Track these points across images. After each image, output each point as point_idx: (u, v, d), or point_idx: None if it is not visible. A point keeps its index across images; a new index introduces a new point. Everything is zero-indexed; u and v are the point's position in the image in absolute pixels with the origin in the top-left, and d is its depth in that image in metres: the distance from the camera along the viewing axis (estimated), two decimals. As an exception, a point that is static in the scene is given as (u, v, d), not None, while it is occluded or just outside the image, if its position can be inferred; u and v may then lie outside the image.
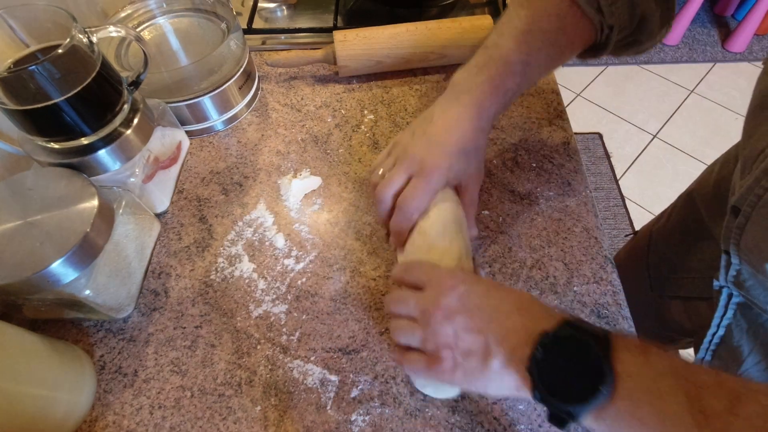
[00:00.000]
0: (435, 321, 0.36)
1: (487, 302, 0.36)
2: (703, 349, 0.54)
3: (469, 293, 0.36)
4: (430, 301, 0.37)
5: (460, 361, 0.35)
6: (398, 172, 0.44)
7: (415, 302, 0.38)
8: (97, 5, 0.64)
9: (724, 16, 2.24)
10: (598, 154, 1.83)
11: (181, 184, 0.58)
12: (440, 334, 0.36)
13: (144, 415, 0.43)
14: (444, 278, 0.38)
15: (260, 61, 0.70)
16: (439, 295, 0.37)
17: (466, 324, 0.35)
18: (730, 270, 0.46)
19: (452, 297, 0.36)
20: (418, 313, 0.37)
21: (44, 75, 0.40)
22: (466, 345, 0.35)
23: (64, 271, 0.39)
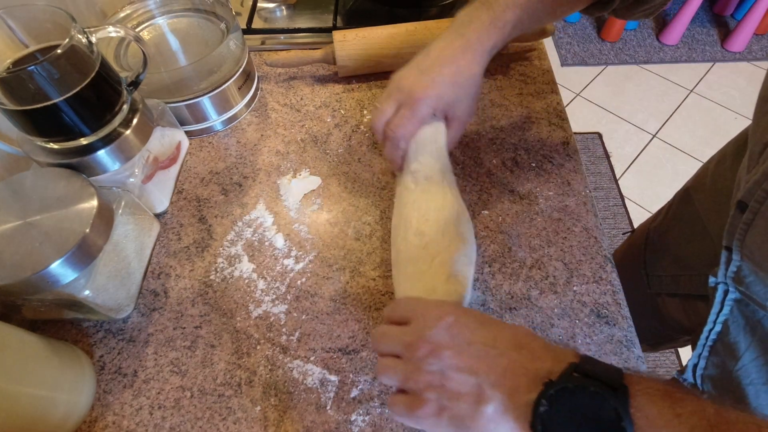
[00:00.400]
0: (419, 357, 0.32)
1: (480, 337, 0.32)
2: (700, 345, 0.54)
3: (459, 325, 0.32)
4: (414, 334, 0.33)
5: (446, 405, 0.30)
6: (387, 103, 0.47)
7: (398, 336, 0.34)
8: (96, 5, 0.64)
9: (723, 15, 2.24)
10: (598, 153, 1.83)
11: (180, 184, 0.58)
12: (424, 372, 0.31)
13: (144, 416, 0.43)
14: (430, 309, 0.34)
15: (260, 61, 0.70)
16: (423, 328, 0.33)
17: (454, 361, 0.31)
18: (730, 266, 0.46)
19: (439, 329, 0.32)
20: (401, 349, 0.34)
21: (43, 75, 0.40)
22: (454, 386, 0.30)
23: (64, 271, 0.39)
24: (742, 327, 0.50)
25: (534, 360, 0.30)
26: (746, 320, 0.49)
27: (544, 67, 0.68)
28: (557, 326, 0.47)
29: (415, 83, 0.46)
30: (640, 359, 0.45)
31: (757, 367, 0.50)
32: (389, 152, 0.48)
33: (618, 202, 1.70)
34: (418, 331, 0.33)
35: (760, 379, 0.51)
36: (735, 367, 0.52)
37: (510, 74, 0.67)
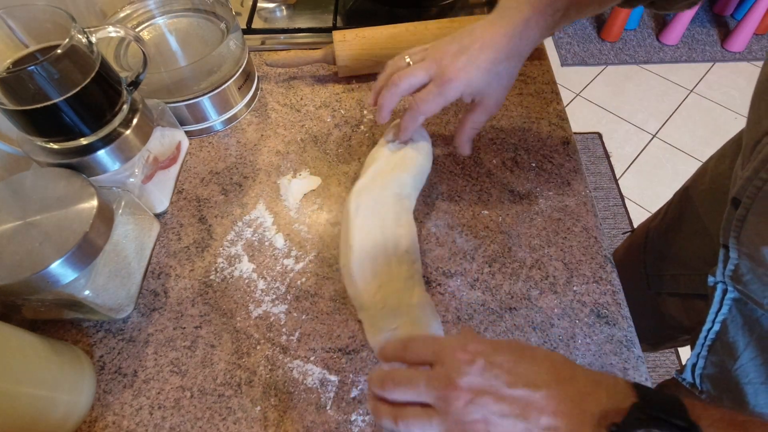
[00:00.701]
0: (458, 407, 0.29)
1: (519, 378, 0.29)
2: (699, 345, 0.54)
3: (493, 366, 0.29)
4: (445, 382, 0.29)
5: None
6: (420, 69, 0.46)
7: (426, 384, 0.30)
8: (96, 5, 0.64)
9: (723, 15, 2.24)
10: (598, 153, 1.83)
11: (180, 184, 0.58)
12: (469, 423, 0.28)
13: (144, 416, 0.43)
14: (456, 351, 0.30)
15: (259, 61, 0.70)
16: (455, 373, 0.29)
17: (498, 407, 0.28)
18: (728, 264, 0.46)
19: (473, 374, 0.29)
20: (431, 398, 0.30)
21: (43, 75, 0.40)
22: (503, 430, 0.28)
23: (64, 271, 0.39)
24: (741, 326, 0.50)
25: (583, 397, 0.28)
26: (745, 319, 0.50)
27: (544, 67, 0.68)
28: (557, 326, 0.47)
29: (452, 62, 0.44)
30: (640, 359, 0.45)
31: (756, 366, 0.50)
32: (405, 120, 0.48)
33: (618, 202, 1.70)
34: (449, 377, 0.29)
35: (758, 378, 0.51)
36: (734, 367, 0.52)
37: (510, 74, 0.67)
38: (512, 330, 0.47)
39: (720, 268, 0.47)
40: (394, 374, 0.32)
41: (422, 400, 0.30)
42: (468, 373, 0.29)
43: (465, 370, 0.29)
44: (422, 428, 0.30)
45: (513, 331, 0.47)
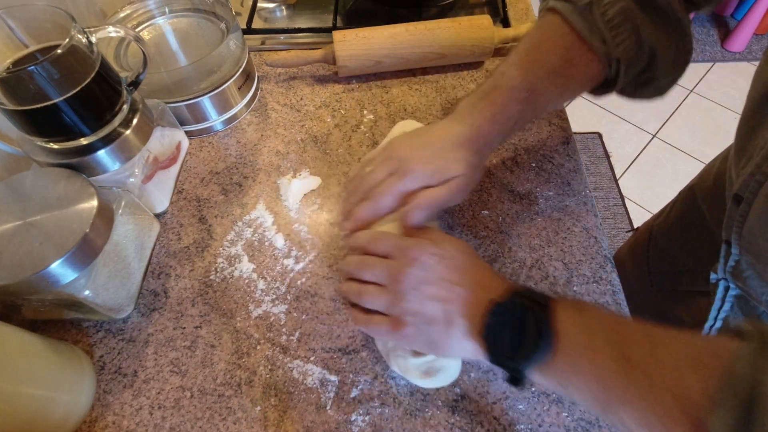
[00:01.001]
0: (401, 287, 0.38)
1: (452, 275, 0.39)
2: None
3: (437, 265, 0.39)
4: (398, 270, 0.39)
5: (423, 328, 0.38)
6: (381, 169, 0.45)
7: (382, 269, 0.40)
8: (96, 5, 0.64)
9: (723, 15, 2.24)
10: (598, 153, 1.83)
11: (180, 184, 0.58)
12: (407, 301, 0.38)
13: (144, 416, 0.43)
14: (412, 248, 0.40)
15: (259, 61, 0.70)
16: (407, 265, 0.39)
17: (431, 293, 0.38)
18: (729, 261, 0.46)
19: (419, 267, 0.39)
20: (385, 280, 0.40)
21: (43, 75, 0.40)
22: (429, 313, 0.38)
23: (64, 271, 0.39)
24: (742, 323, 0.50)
25: (490, 292, 0.37)
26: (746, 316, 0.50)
27: (544, 67, 0.68)
28: (557, 326, 0.47)
29: (412, 155, 0.44)
30: (640, 359, 0.45)
31: None
32: (361, 213, 0.44)
33: (618, 202, 1.70)
34: (402, 266, 0.39)
35: None
36: None
37: (510, 74, 0.67)
38: (512, 330, 0.47)
39: (721, 264, 0.48)
40: (365, 259, 0.42)
41: (380, 281, 0.40)
42: (416, 265, 0.39)
43: (415, 263, 0.39)
44: (373, 301, 0.40)
45: (513, 331, 0.47)
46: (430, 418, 0.42)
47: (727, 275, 0.48)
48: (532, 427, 0.42)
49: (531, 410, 0.43)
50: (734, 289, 0.49)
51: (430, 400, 0.43)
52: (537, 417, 0.42)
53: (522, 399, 0.43)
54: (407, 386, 0.44)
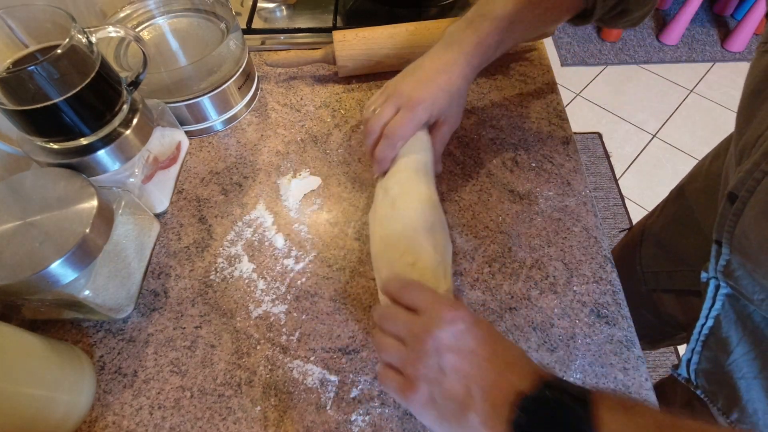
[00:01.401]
0: (423, 348, 0.34)
1: (482, 350, 0.34)
2: (694, 340, 0.55)
3: (466, 334, 0.35)
4: (423, 328, 0.35)
5: (436, 399, 0.34)
6: (387, 106, 0.50)
7: (406, 323, 0.36)
8: (96, 5, 0.64)
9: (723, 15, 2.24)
10: (598, 153, 1.83)
11: (180, 184, 0.58)
12: (423, 364, 0.34)
13: (144, 416, 0.43)
14: (444, 310, 0.36)
15: (259, 61, 0.70)
16: (434, 325, 0.35)
17: (455, 364, 0.34)
18: (719, 260, 0.47)
19: (448, 332, 0.34)
20: (407, 335, 0.36)
21: (43, 75, 0.40)
22: (449, 386, 0.33)
23: (64, 271, 0.39)
24: (734, 322, 0.51)
25: (521, 379, 0.32)
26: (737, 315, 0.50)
27: (544, 67, 0.68)
28: (557, 326, 0.47)
29: (414, 89, 0.49)
30: (640, 359, 0.45)
31: (748, 361, 0.51)
32: (383, 151, 0.49)
33: (618, 202, 1.70)
34: (429, 325, 0.35)
35: (750, 373, 0.51)
36: (727, 362, 0.52)
37: (510, 74, 0.67)
38: (512, 330, 0.47)
39: (712, 264, 0.48)
40: (391, 309, 0.39)
41: (400, 335, 0.37)
42: (445, 329, 0.34)
43: (444, 326, 0.35)
44: (389, 354, 0.37)
45: (513, 331, 0.47)
46: (430, 418, 0.42)
47: (718, 274, 0.48)
48: (532, 427, 0.42)
49: (531, 410, 0.43)
50: (725, 287, 0.49)
51: (430, 400, 0.43)
52: (537, 417, 0.42)
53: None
54: (407, 386, 0.44)
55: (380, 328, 0.39)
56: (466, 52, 0.50)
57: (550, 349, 0.46)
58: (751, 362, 0.51)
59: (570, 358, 0.45)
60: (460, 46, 0.50)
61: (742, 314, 0.50)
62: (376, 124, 0.50)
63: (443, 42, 0.52)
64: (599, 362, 0.45)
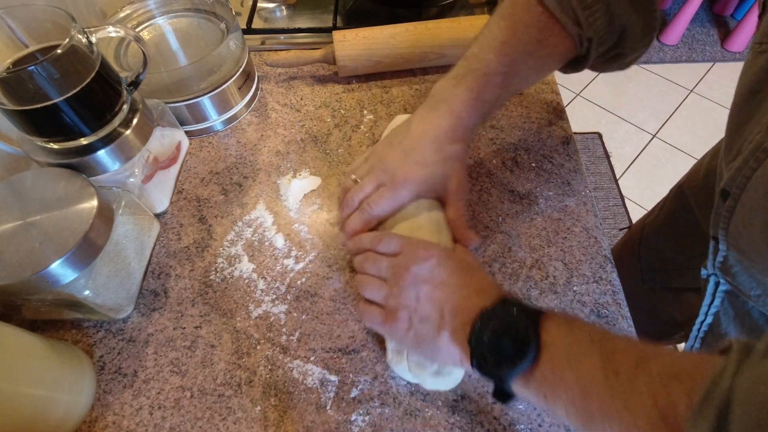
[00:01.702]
0: (402, 283, 0.40)
1: (452, 279, 0.39)
2: (692, 337, 0.56)
3: (439, 267, 0.40)
4: (402, 265, 0.40)
5: (415, 324, 0.39)
6: (369, 181, 0.47)
7: (387, 264, 0.41)
8: (96, 5, 0.64)
9: (723, 15, 2.24)
10: (598, 153, 1.83)
11: (180, 184, 0.58)
12: (403, 296, 0.39)
13: (144, 416, 0.43)
14: (419, 249, 0.41)
15: (259, 61, 0.70)
16: (411, 262, 0.40)
17: (429, 293, 0.39)
18: (717, 256, 0.47)
19: (423, 266, 0.40)
20: (388, 274, 0.41)
21: (43, 75, 0.40)
22: (424, 311, 0.38)
23: (64, 271, 0.39)
24: (733, 318, 0.51)
25: (485, 299, 0.37)
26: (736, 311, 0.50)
27: (544, 67, 0.68)
28: (557, 326, 0.47)
29: (399, 165, 0.45)
30: (640, 359, 0.45)
31: None
32: (354, 223, 0.46)
33: (618, 202, 1.70)
34: (405, 263, 0.40)
35: None
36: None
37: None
38: (512, 330, 0.47)
39: (710, 260, 0.48)
40: (371, 256, 0.43)
41: (382, 275, 0.42)
42: (420, 265, 0.40)
43: (420, 262, 0.40)
44: (372, 292, 0.42)
45: (513, 331, 0.47)
46: (430, 418, 0.42)
47: (716, 271, 0.48)
48: (532, 427, 0.42)
49: (531, 410, 0.43)
50: (724, 284, 0.49)
51: (430, 400, 0.43)
52: (537, 417, 0.42)
53: (522, 399, 0.43)
54: (407, 386, 0.44)
55: (361, 271, 0.44)
56: (457, 113, 0.45)
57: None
58: None
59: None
60: (450, 106, 0.45)
61: (741, 311, 0.50)
62: (355, 197, 0.47)
63: (431, 100, 0.47)
64: (599, 362, 0.45)
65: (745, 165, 0.40)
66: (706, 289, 0.51)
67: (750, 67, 0.42)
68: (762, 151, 0.38)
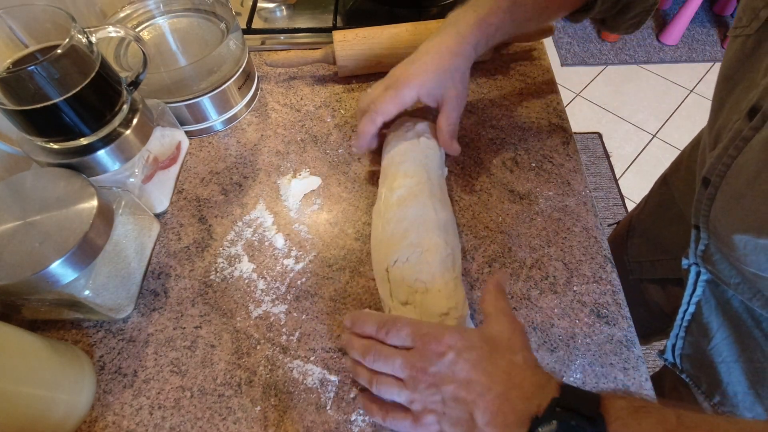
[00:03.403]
0: (421, 387, 0.35)
1: (478, 375, 0.34)
2: (677, 326, 0.57)
3: (459, 363, 0.35)
4: (418, 367, 0.36)
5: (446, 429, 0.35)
6: (377, 85, 0.51)
7: (401, 364, 0.36)
8: (96, 5, 0.64)
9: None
10: (598, 153, 1.83)
11: (180, 184, 0.58)
12: (427, 400, 0.35)
13: (144, 416, 0.43)
14: (431, 343, 0.36)
15: (259, 61, 0.70)
16: (426, 363, 0.35)
17: (454, 394, 0.34)
18: (699, 245, 0.47)
19: (441, 365, 0.35)
20: (404, 375, 0.36)
21: (43, 75, 0.40)
22: (453, 415, 0.34)
23: (64, 271, 0.39)
24: (714, 307, 0.52)
25: (524, 400, 0.33)
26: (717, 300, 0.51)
27: (544, 67, 0.68)
28: (557, 326, 0.47)
29: (404, 70, 0.50)
30: (640, 359, 0.45)
31: (728, 345, 0.52)
32: (363, 125, 0.50)
33: (618, 202, 1.70)
34: (422, 365, 0.36)
35: (730, 357, 0.52)
36: (708, 346, 0.53)
37: (510, 74, 0.67)
38: (512, 330, 0.47)
39: (692, 249, 0.49)
40: (376, 348, 0.38)
41: (395, 375, 0.37)
42: (437, 363, 0.35)
43: (436, 360, 0.35)
44: (391, 395, 0.37)
45: (513, 331, 0.47)
46: (430, 418, 0.42)
47: (698, 260, 0.48)
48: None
49: (531, 410, 0.43)
50: (705, 273, 0.50)
51: (430, 400, 0.43)
52: (537, 417, 0.42)
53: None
54: (407, 386, 0.44)
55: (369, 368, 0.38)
56: (461, 32, 0.50)
57: (550, 349, 0.46)
58: (730, 346, 0.52)
59: (570, 358, 0.45)
60: (457, 26, 0.50)
61: (722, 300, 0.50)
62: (364, 101, 0.52)
63: (442, 25, 0.52)
64: (599, 362, 0.45)
65: (725, 153, 0.40)
66: (687, 279, 0.52)
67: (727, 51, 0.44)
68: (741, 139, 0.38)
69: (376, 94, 0.51)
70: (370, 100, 0.51)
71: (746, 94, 0.40)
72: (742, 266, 0.43)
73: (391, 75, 0.51)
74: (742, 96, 0.40)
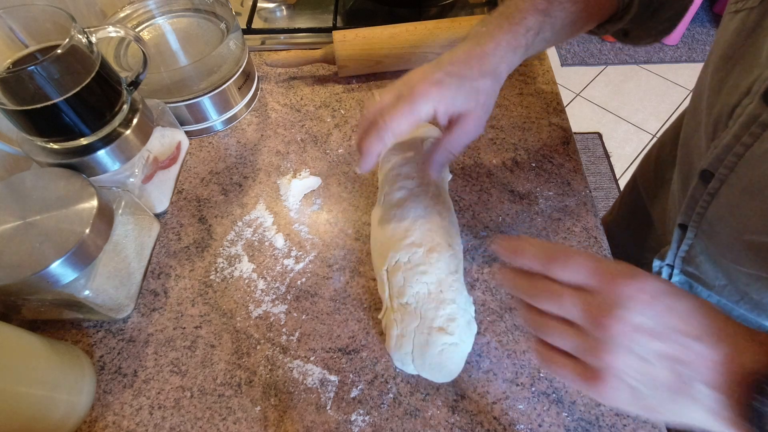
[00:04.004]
0: (610, 336, 0.28)
1: (684, 324, 0.28)
2: None
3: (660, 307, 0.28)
4: (603, 310, 0.28)
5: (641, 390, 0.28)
6: (388, 91, 0.42)
7: (578, 305, 0.29)
8: (96, 5, 0.64)
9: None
10: (598, 153, 1.83)
11: (180, 184, 0.58)
12: (615, 353, 0.28)
13: (144, 416, 0.43)
14: (620, 282, 0.29)
15: (259, 61, 0.70)
16: (616, 305, 0.28)
17: (657, 349, 0.27)
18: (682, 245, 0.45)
19: (635, 311, 0.28)
20: (581, 320, 0.29)
21: (43, 75, 0.40)
22: (655, 374, 0.28)
23: (64, 271, 0.39)
24: None
25: (741, 353, 0.27)
26: None
27: (544, 67, 0.68)
28: (557, 326, 0.47)
29: (422, 78, 0.41)
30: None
31: None
32: (369, 143, 0.41)
33: (618, 202, 1.70)
34: (609, 307, 0.28)
35: None
36: None
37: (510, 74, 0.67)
38: (512, 330, 0.47)
39: (673, 250, 0.47)
40: (548, 287, 0.30)
41: (571, 318, 0.29)
42: (630, 307, 0.28)
43: (630, 305, 0.28)
44: (564, 341, 0.30)
45: (513, 332, 0.47)
46: (430, 418, 0.42)
47: (677, 260, 0.47)
48: (532, 427, 0.42)
49: (531, 410, 0.43)
50: (677, 275, 0.48)
51: (430, 400, 0.43)
52: (537, 417, 0.42)
53: (522, 399, 0.43)
54: (407, 386, 0.44)
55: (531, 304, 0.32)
56: (495, 51, 0.42)
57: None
58: None
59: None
60: (490, 43, 0.42)
61: None
62: (371, 110, 0.42)
63: (470, 35, 0.44)
64: (599, 362, 0.45)
65: (736, 141, 0.36)
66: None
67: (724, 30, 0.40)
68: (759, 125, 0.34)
69: (387, 103, 0.41)
70: (379, 111, 0.41)
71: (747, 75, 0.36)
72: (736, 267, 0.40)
73: (407, 81, 0.42)
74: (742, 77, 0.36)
